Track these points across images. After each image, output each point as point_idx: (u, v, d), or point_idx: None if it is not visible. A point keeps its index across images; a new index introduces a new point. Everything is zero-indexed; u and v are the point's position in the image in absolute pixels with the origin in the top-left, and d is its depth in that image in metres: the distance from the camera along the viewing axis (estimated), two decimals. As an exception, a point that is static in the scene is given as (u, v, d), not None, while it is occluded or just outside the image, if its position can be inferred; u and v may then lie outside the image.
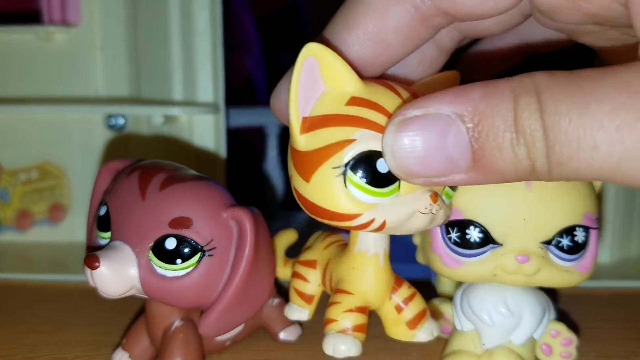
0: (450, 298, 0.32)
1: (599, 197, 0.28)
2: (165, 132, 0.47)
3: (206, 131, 0.47)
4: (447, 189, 0.23)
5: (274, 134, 0.66)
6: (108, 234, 0.27)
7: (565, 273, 0.27)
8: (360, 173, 0.21)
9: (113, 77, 0.49)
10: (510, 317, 0.28)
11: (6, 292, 0.41)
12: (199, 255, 0.26)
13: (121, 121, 0.48)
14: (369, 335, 0.28)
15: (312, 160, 0.22)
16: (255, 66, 0.73)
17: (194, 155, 0.47)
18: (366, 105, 0.21)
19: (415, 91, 0.24)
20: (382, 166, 0.21)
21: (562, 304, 0.38)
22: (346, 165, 0.21)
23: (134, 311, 0.36)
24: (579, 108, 0.17)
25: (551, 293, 0.31)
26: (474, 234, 0.26)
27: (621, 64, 0.17)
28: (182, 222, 0.26)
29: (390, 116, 0.21)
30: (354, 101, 0.22)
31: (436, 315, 0.32)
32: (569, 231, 0.26)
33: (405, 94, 0.23)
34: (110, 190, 0.28)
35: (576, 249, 0.26)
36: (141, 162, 0.29)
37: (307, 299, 0.30)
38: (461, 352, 0.29)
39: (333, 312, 0.26)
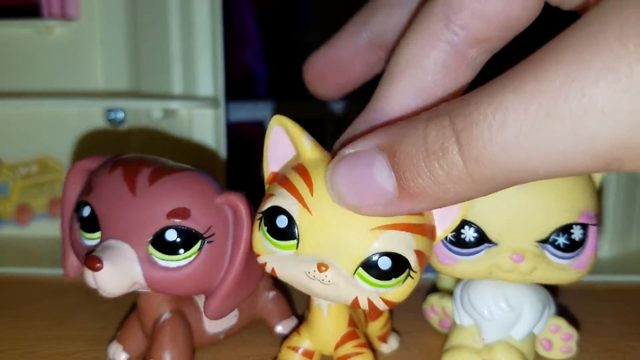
0: (450, 293, 0.32)
1: (599, 192, 0.28)
2: (165, 126, 0.47)
3: (206, 125, 0.47)
4: (364, 272, 0.23)
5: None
6: (97, 234, 0.27)
7: (562, 271, 0.27)
8: (265, 222, 0.25)
9: (113, 71, 0.49)
10: (510, 312, 0.28)
11: (6, 287, 0.41)
12: (199, 242, 0.26)
13: (121, 115, 0.48)
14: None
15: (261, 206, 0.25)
16: (255, 60, 0.73)
17: (193, 149, 0.47)
18: (299, 172, 0.24)
19: None
20: (280, 222, 0.24)
21: (562, 299, 0.38)
22: (262, 213, 0.25)
23: (133, 306, 0.36)
24: (489, 101, 0.17)
25: (551, 288, 0.31)
26: (469, 234, 0.26)
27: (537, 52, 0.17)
28: (180, 212, 0.26)
29: (309, 182, 0.23)
30: (297, 167, 0.24)
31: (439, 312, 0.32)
32: (566, 229, 0.26)
33: None
34: (92, 190, 0.27)
35: (573, 246, 0.26)
36: (119, 158, 0.28)
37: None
38: (461, 347, 0.29)
39: (282, 345, 0.29)
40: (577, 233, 0.26)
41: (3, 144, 0.50)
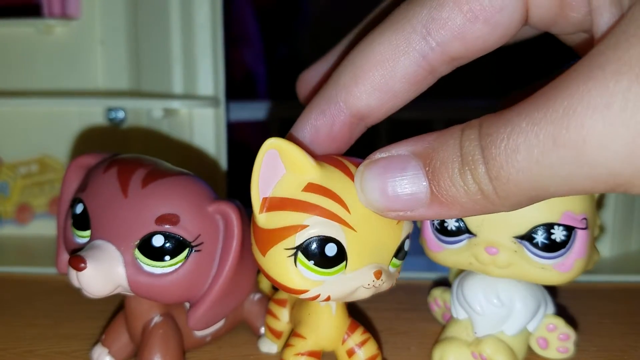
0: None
1: (600, 197, 0.28)
2: (165, 125, 0.47)
3: (206, 125, 0.47)
4: (394, 259, 0.25)
5: (274, 129, 0.66)
6: (87, 233, 0.27)
7: (542, 270, 0.27)
8: (309, 256, 0.23)
9: (113, 70, 0.49)
10: (502, 308, 0.28)
11: (6, 286, 0.41)
12: (187, 251, 0.26)
13: (121, 114, 0.48)
14: (371, 330, 0.28)
15: (269, 238, 0.24)
16: (255, 60, 0.73)
17: (194, 148, 0.47)
18: (320, 192, 0.23)
19: None
20: (330, 250, 0.23)
21: (561, 299, 0.38)
22: (297, 248, 0.23)
23: (118, 308, 0.36)
24: (507, 125, 0.18)
25: (550, 288, 0.31)
26: (450, 223, 0.28)
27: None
28: (169, 218, 0.26)
29: (340, 201, 0.23)
30: (310, 187, 0.23)
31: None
32: (546, 229, 0.26)
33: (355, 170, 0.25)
34: (86, 187, 0.27)
35: (553, 247, 0.26)
36: (116, 157, 0.28)
37: (277, 334, 0.31)
38: (453, 339, 0.30)
39: (286, 354, 0.28)
40: (558, 234, 0.26)
41: (3, 143, 0.50)
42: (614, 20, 0.19)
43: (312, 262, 0.23)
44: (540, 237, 0.26)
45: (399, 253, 0.25)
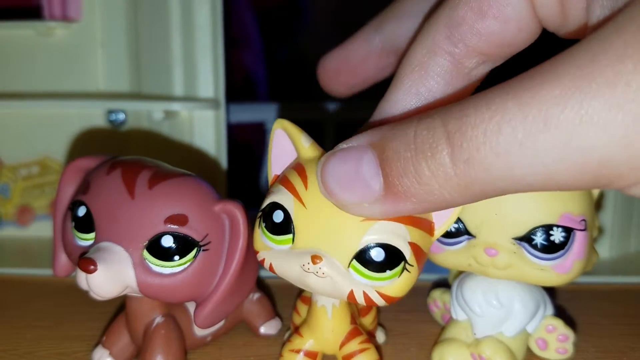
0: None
1: (600, 197, 0.28)
2: (166, 127, 0.47)
3: (206, 127, 0.47)
4: (356, 263, 0.23)
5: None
6: (91, 235, 0.27)
7: (541, 271, 0.27)
8: (264, 219, 0.25)
9: (113, 72, 0.50)
10: (501, 309, 0.29)
11: (7, 287, 0.41)
12: (195, 250, 0.26)
13: (122, 116, 0.48)
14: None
15: None
16: (255, 62, 0.73)
17: (194, 150, 0.47)
18: (297, 169, 0.25)
19: None
20: (277, 216, 0.24)
21: (560, 300, 0.38)
22: (261, 210, 0.25)
23: (119, 309, 0.36)
24: (488, 106, 0.18)
25: (549, 289, 0.31)
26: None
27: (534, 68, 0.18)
28: (178, 219, 0.26)
29: (304, 177, 0.24)
30: (295, 166, 0.25)
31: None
32: (545, 230, 0.26)
33: None
34: (88, 190, 0.27)
35: (552, 248, 0.26)
36: (118, 159, 0.28)
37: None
38: (453, 340, 0.30)
39: (283, 349, 0.29)
40: (557, 235, 0.26)
41: (4, 145, 0.50)
42: (610, 12, 0.19)
43: (264, 224, 0.25)
44: (539, 239, 0.26)
45: (363, 259, 0.23)
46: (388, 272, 0.23)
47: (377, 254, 0.23)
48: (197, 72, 0.47)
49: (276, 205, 0.24)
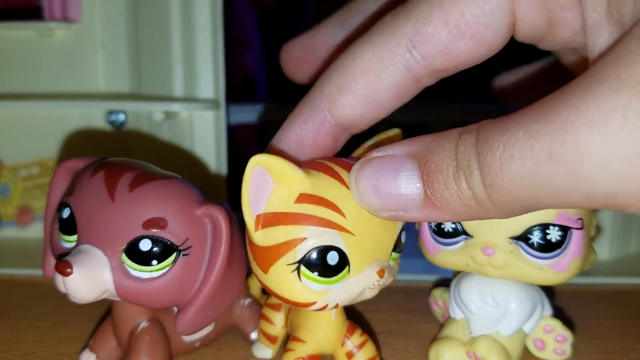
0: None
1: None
2: (166, 128, 0.47)
3: (206, 127, 0.47)
4: (393, 253, 0.25)
5: (273, 131, 0.66)
6: (74, 237, 0.26)
7: (538, 271, 0.27)
8: (312, 267, 0.23)
9: (114, 73, 0.50)
10: (496, 308, 0.29)
11: (6, 288, 0.41)
12: (174, 255, 0.26)
13: (122, 117, 0.48)
14: (371, 333, 0.28)
15: (269, 256, 0.24)
16: (255, 63, 0.73)
17: (194, 151, 0.47)
18: (313, 201, 0.23)
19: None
20: (332, 259, 0.23)
21: (559, 300, 0.38)
22: (299, 261, 0.23)
23: (106, 313, 0.36)
24: (503, 133, 0.18)
25: (548, 289, 0.31)
26: (447, 224, 0.28)
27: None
28: (157, 222, 0.25)
29: (334, 207, 0.23)
30: (302, 198, 0.23)
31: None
32: (542, 229, 0.26)
33: (346, 175, 0.24)
34: (73, 192, 0.27)
35: (549, 247, 0.26)
36: (104, 161, 0.28)
37: (271, 339, 0.31)
38: (449, 338, 0.30)
39: (286, 358, 0.28)
40: (553, 234, 0.26)
41: (4, 146, 0.50)
42: (613, 39, 0.19)
43: (316, 273, 0.23)
44: (535, 238, 0.26)
45: (397, 246, 0.25)
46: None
47: (404, 236, 0.26)
48: (197, 73, 0.47)
49: (327, 249, 0.23)
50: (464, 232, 0.28)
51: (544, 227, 0.26)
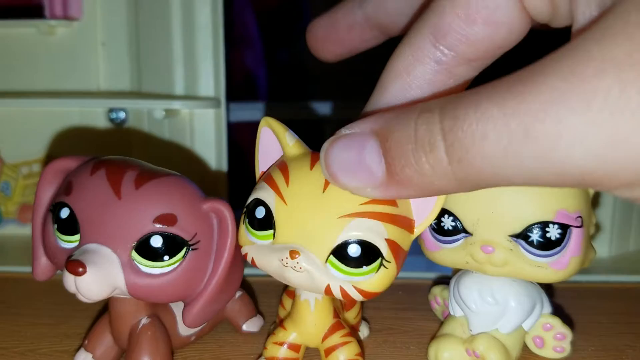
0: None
1: (596, 195, 0.28)
2: (166, 126, 0.47)
3: (207, 125, 0.47)
4: (334, 259, 0.24)
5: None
6: (75, 237, 0.26)
7: (538, 268, 0.27)
8: (247, 215, 0.26)
9: (114, 71, 0.50)
10: (496, 306, 0.29)
11: (8, 285, 0.41)
12: (184, 250, 0.26)
13: (122, 115, 0.48)
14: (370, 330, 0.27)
15: None
16: (255, 61, 0.73)
17: (194, 149, 0.47)
18: (280, 167, 0.25)
19: None
20: (259, 212, 0.25)
21: (559, 298, 0.38)
22: (246, 207, 0.26)
23: (100, 312, 0.36)
24: (476, 109, 0.18)
25: (548, 287, 0.31)
26: (447, 222, 0.28)
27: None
28: (167, 219, 0.26)
29: (286, 174, 0.25)
30: (279, 163, 0.26)
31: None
32: (541, 227, 0.26)
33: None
34: (71, 191, 0.27)
35: (548, 245, 0.27)
36: (101, 159, 0.28)
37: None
38: (449, 335, 0.30)
39: (267, 341, 0.29)
40: (553, 232, 0.26)
41: (5, 144, 0.50)
42: (595, 15, 0.19)
43: (247, 220, 0.25)
44: (535, 236, 0.26)
45: (341, 255, 0.24)
46: (365, 268, 0.24)
47: (354, 250, 0.24)
48: (198, 71, 0.47)
49: (258, 202, 0.25)
50: (464, 230, 0.28)
51: (544, 225, 0.26)
